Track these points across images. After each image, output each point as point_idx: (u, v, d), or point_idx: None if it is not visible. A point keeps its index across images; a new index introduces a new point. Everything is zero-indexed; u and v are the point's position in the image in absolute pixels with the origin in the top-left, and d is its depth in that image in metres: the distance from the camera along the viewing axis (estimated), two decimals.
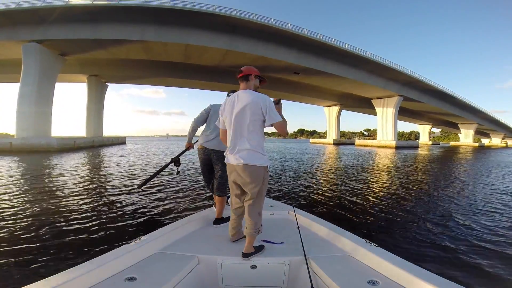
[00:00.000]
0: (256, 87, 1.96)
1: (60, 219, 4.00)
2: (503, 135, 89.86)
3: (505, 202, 5.98)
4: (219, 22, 24.57)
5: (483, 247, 3.35)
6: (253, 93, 1.81)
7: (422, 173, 11.51)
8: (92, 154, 18.84)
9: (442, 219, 4.52)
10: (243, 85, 1.90)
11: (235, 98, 1.84)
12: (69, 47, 26.13)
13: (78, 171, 9.49)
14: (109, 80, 41.74)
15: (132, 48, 27.23)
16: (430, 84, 41.57)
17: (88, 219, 4.00)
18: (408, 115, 65.58)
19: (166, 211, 4.62)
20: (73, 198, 5.40)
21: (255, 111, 1.75)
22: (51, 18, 22.84)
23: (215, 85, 42.84)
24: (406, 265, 1.49)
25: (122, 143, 42.25)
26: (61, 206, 4.75)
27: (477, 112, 59.47)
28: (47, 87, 26.06)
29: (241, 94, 1.83)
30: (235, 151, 1.79)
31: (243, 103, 1.76)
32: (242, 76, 1.89)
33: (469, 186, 8.19)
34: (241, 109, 1.77)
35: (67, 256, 2.80)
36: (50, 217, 4.07)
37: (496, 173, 11.49)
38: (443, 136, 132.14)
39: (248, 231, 1.83)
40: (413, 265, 1.49)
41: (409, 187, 7.83)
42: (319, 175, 10.07)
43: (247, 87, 1.89)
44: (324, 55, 31.21)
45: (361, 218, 4.52)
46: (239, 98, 1.81)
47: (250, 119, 1.76)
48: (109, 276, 1.44)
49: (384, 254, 1.64)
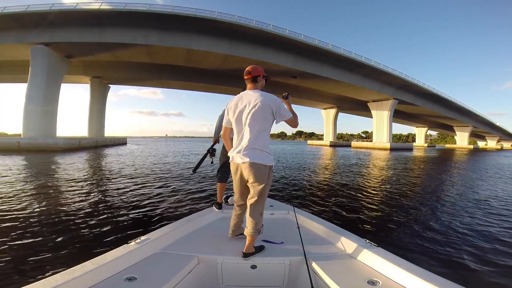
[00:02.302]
0: (263, 87, 1.97)
1: (60, 219, 4.03)
2: (498, 138, 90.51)
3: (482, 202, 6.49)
4: (220, 28, 25.58)
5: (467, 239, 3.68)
6: (263, 94, 1.81)
7: (404, 173, 12.55)
8: (99, 154, 19.73)
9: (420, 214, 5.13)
10: (251, 86, 1.90)
11: (244, 98, 1.84)
12: (75, 50, 27.11)
13: (85, 171, 9.74)
14: (111, 82, 42.69)
15: (135, 52, 28.19)
16: (425, 88, 42.52)
17: (88, 219, 4.05)
18: (404, 117, 66.46)
19: (166, 211, 4.67)
20: (74, 198, 5.45)
21: (266, 111, 1.77)
22: (59, 22, 23.79)
23: (215, 88, 43.87)
24: (406, 265, 1.50)
25: (123, 143, 43.20)
26: (61, 206, 4.77)
27: (471, 115, 60.26)
28: (53, 88, 27.02)
29: (250, 94, 1.83)
30: (242, 150, 1.79)
31: (254, 103, 1.76)
32: (251, 78, 1.89)
33: (444, 186, 9.14)
34: (251, 109, 1.76)
35: (67, 256, 2.83)
36: (50, 217, 4.10)
37: (467, 176, 11.94)
38: (440, 138, 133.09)
39: (249, 231, 1.83)
40: (413, 265, 1.50)
41: (388, 186, 8.78)
42: (307, 172, 11.04)
43: (255, 87, 1.90)
44: (320, 59, 32.26)
45: (342, 209, 5.34)
46: (249, 98, 1.81)
47: (260, 119, 1.77)
48: (109, 276, 1.45)
49: (384, 254, 1.65)
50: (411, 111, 57.49)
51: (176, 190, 6.39)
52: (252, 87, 1.90)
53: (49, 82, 26.09)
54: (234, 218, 2.09)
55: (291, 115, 1.88)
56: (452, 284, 1.30)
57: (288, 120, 1.89)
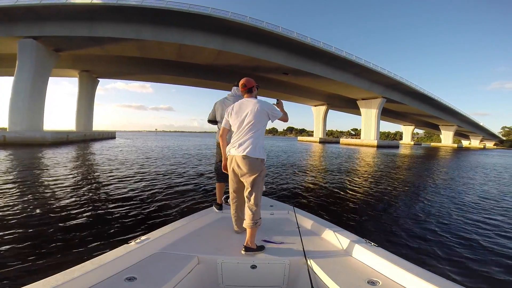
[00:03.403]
0: (256, 94, 2.26)
1: (60, 219, 4.00)
2: (482, 137, 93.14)
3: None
4: (214, 24, 25.49)
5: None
6: (259, 101, 2.09)
7: (382, 169, 13.12)
8: (89, 148, 19.50)
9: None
10: (247, 95, 2.18)
11: (243, 105, 2.10)
12: (65, 43, 26.52)
13: (78, 167, 9.60)
14: (101, 76, 41.98)
15: (127, 46, 27.76)
16: (412, 87, 43.59)
17: (88, 219, 4.05)
18: (393, 116, 67.93)
19: (167, 210, 4.71)
20: (73, 197, 5.39)
21: (262, 116, 2.05)
22: (49, 15, 23.20)
23: (207, 83, 43.78)
24: (406, 265, 1.50)
25: (112, 137, 42.85)
26: (61, 205, 4.74)
27: (457, 114, 62.02)
28: (40, 82, 26.45)
29: (249, 101, 2.11)
30: (238, 145, 2.02)
31: (253, 111, 2.03)
32: (247, 89, 2.17)
33: (410, 181, 9.84)
34: (250, 115, 2.02)
35: (67, 256, 2.82)
36: (49, 217, 4.06)
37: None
38: (426, 137, 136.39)
39: (247, 222, 1.92)
40: (413, 265, 1.51)
41: (363, 179, 9.28)
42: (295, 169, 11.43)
43: (251, 96, 2.18)
44: (312, 57, 32.68)
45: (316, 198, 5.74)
46: (249, 105, 2.07)
47: (258, 124, 2.04)
48: (109, 276, 1.46)
49: (384, 254, 1.66)
50: (399, 109, 58.84)
51: (175, 190, 6.39)
52: (249, 96, 2.18)
53: (37, 76, 25.54)
54: (234, 215, 2.24)
55: (281, 114, 2.18)
56: (452, 284, 1.31)
57: (281, 117, 2.20)
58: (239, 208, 2.20)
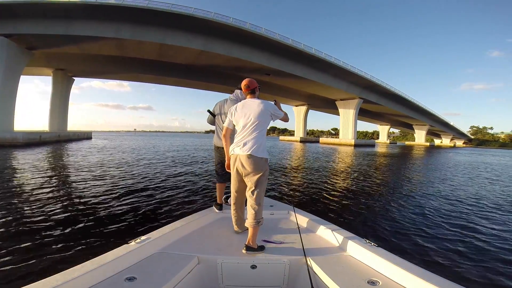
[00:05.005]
0: (259, 94, 2.29)
1: (59, 219, 4.00)
2: (452, 136, 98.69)
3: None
4: (197, 24, 25.28)
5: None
6: (263, 102, 2.11)
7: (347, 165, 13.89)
8: (65, 149, 18.84)
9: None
10: (251, 96, 2.21)
11: (247, 105, 2.12)
12: (38, 42, 25.33)
13: (67, 169, 9.43)
14: (76, 75, 40.40)
15: (105, 45, 26.92)
16: (387, 88, 45.40)
17: (88, 219, 4.05)
18: (370, 116, 70.48)
19: (166, 211, 4.71)
20: (73, 197, 5.42)
21: (266, 116, 2.07)
22: (24, 13, 22.10)
23: (189, 83, 43.38)
24: (406, 265, 1.50)
25: (88, 138, 41.49)
26: (61, 205, 4.74)
27: (429, 114, 65.32)
28: (11, 81, 25.22)
29: (253, 102, 2.13)
30: (242, 144, 2.02)
31: (258, 111, 2.05)
32: (250, 90, 2.20)
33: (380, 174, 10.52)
34: (255, 115, 2.04)
35: (66, 256, 2.85)
36: (49, 217, 4.07)
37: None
38: (402, 136, 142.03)
39: (250, 221, 1.93)
40: (413, 265, 1.51)
41: (333, 176, 9.88)
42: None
43: (254, 97, 2.20)
44: (293, 58, 33.23)
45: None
46: (253, 106, 2.09)
47: (262, 123, 2.06)
48: (109, 276, 1.46)
49: (384, 254, 1.66)
50: (376, 110, 60.97)
51: (175, 190, 6.41)
52: (252, 97, 2.21)
53: (7, 74, 24.28)
54: (234, 215, 2.23)
55: (283, 114, 2.24)
56: (452, 284, 1.31)
57: (282, 117, 2.26)
58: (240, 208, 2.22)
